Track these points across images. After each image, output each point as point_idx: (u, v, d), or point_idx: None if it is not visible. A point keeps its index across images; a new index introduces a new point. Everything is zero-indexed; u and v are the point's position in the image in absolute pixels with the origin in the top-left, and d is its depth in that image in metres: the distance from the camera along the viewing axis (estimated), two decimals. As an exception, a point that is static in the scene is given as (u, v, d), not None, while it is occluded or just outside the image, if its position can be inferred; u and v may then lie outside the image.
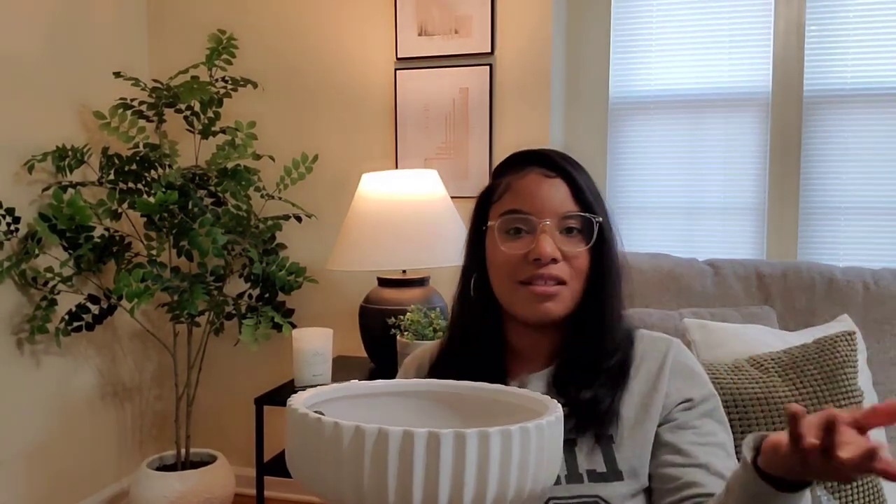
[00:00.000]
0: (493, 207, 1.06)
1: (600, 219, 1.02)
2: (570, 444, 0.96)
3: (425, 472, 0.66)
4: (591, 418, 0.97)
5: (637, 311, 1.79)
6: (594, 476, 0.95)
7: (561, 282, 1.00)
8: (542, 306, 1.00)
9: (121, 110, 2.33)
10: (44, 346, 2.38)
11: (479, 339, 1.06)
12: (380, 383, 0.90)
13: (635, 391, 1.00)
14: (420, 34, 2.50)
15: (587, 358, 1.01)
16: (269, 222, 2.45)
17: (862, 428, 0.67)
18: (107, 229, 2.40)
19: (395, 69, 2.55)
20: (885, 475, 0.63)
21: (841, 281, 1.80)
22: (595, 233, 1.01)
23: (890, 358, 1.71)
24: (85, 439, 2.56)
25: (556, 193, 1.01)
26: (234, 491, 2.47)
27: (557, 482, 0.93)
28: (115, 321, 2.62)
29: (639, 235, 2.53)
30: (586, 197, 1.02)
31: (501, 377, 1.02)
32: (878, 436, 1.48)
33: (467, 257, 1.11)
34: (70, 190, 2.31)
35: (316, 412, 0.72)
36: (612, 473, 0.95)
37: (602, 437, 0.97)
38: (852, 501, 1.32)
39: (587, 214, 1.01)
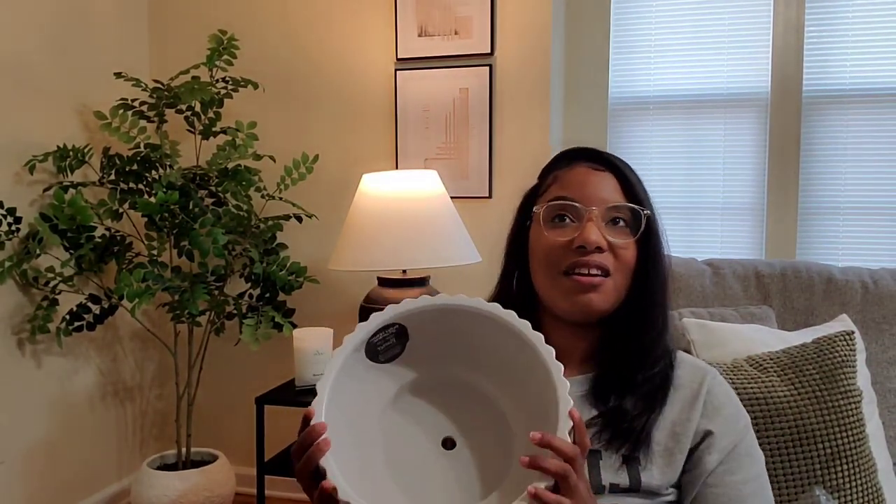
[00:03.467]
0: (538, 200, 1.04)
1: (648, 211, 1.00)
2: (593, 455, 0.95)
3: None
4: (623, 436, 0.95)
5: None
6: (617, 489, 0.94)
7: (605, 272, 0.97)
8: (584, 297, 0.97)
9: (122, 110, 2.34)
10: (45, 346, 2.39)
11: None
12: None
13: (668, 418, 0.98)
14: (420, 35, 2.50)
15: (628, 364, 0.99)
16: (270, 222, 2.45)
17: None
18: (108, 229, 2.40)
19: (396, 70, 2.55)
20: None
21: (840, 281, 1.81)
22: (643, 225, 0.99)
23: (888, 358, 1.72)
24: (86, 439, 2.56)
25: (604, 185, 1.00)
26: (234, 490, 2.47)
27: None
28: (115, 321, 2.63)
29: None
30: (635, 190, 1.01)
31: None
32: (882, 453, 1.49)
33: (507, 255, 1.09)
34: (71, 190, 2.31)
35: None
36: (634, 490, 0.95)
37: (629, 458, 0.95)
38: (852, 501, 1.32)
39: (635, 206, 0.99)
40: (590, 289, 0.97)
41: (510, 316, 0.87)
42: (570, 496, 0.77)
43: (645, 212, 1.00)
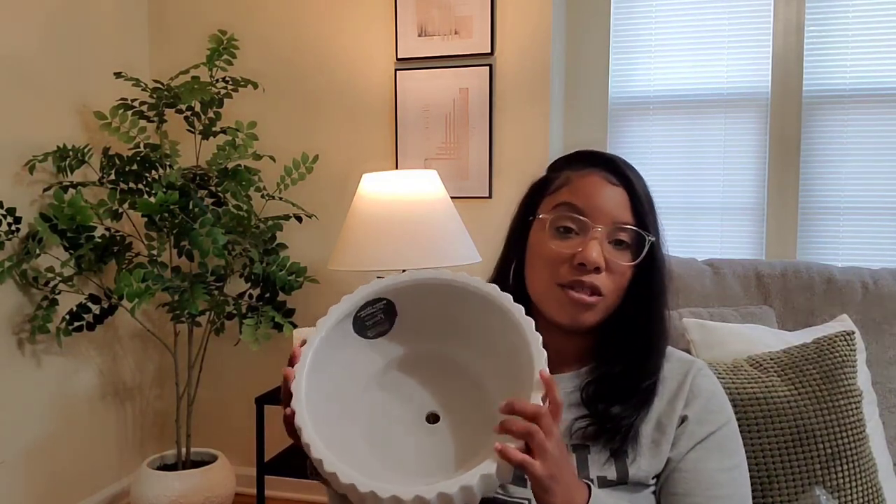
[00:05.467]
0: (546, 199, 1.03)
1: (653, 238, 1.00)
2: (581, 450, 0.96)
3: None
4: (610, 432, 0.96)
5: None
6: (604, 482, 0.95)
7: (598, 293, 0.97)
8: (575, 314, 0.98)
9: (121, 110, 2.34)
10: (45, 346, 2.39)
11: None
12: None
13: (655, 411, 0.99)
14: (420, 35, 2.50)
15: (624, 377, 0.99)
16: (270, 222, 2.45)
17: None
18: (107, 229, 2.40)
19: (396, 70, 2.55)
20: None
21: (840, 281, 1.80)
22: (644, 250, 0.99)
23: (889, 358, 1.71)
24: (85, 439, 2.56)
25: (615, 201, 0.99)
26: (234, 490, 2.47)
27: None
28: (115, 321, 2.63)
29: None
30: (644, 212, 1.00)
31: None
32: (882, 453, 1.48)
33: (507, 246, 1.08)
34: (71, 190, 2.31)
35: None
36: (622, 482, 0.95)
37: (617, 451, 0.96)
38: (852, 501, 1.32)
39: (641, 231, 0.99)
40: (584, 308, 0.97)
41: (494, 290, 0.88)
42: (538, 456, 0.77)
43: (650, 238, 0.99)
